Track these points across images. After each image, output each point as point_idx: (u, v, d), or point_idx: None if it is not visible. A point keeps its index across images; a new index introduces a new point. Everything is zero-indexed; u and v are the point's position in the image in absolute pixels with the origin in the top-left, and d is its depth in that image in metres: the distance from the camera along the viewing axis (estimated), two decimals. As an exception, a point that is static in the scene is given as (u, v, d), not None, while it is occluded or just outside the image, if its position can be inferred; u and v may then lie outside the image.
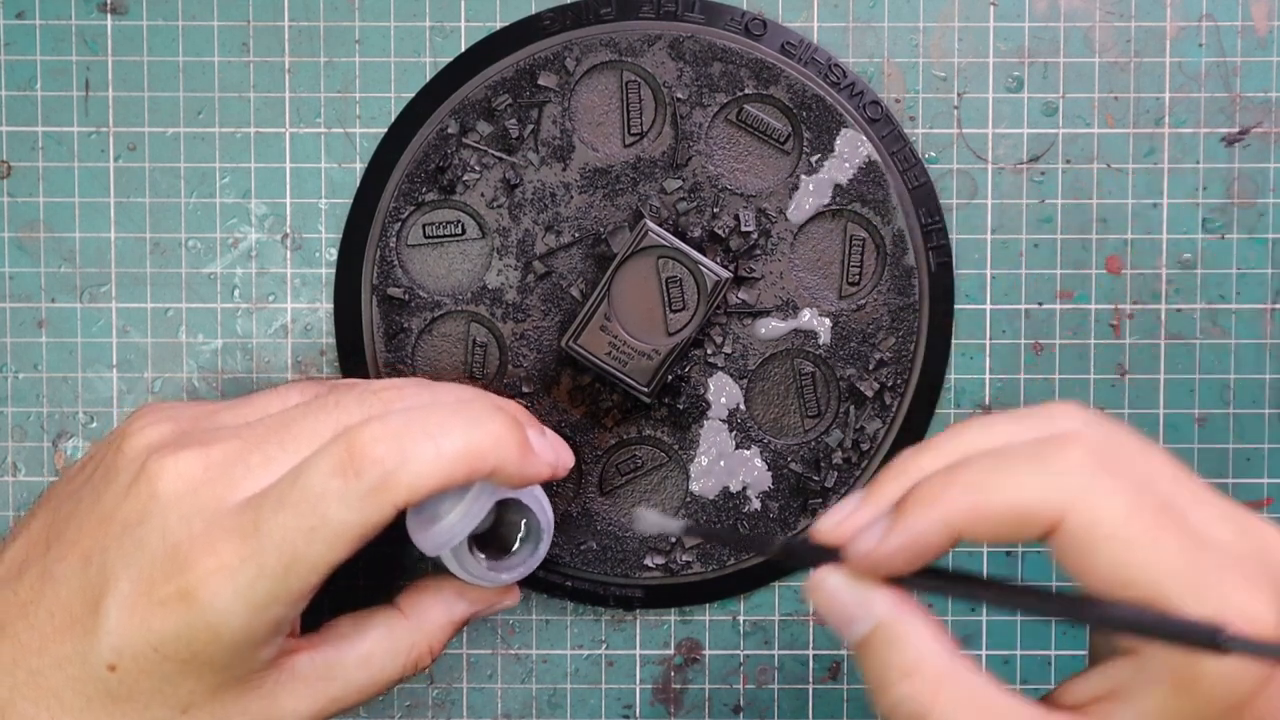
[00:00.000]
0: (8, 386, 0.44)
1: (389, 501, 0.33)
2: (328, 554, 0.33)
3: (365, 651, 0.38)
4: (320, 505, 0.33)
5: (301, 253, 0.44)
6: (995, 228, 0.44)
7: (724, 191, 0.43)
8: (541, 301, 0.43)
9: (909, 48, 0.44)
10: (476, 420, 0.34)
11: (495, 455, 0.34)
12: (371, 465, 0.33)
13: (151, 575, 0.33)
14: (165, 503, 0.34)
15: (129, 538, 0.34)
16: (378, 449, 0.33)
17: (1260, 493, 0.44)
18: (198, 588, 0.33)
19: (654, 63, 0.43)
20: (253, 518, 0.33)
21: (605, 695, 0.45)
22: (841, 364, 0.43)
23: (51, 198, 0.44)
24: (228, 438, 0.35)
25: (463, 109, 0.43)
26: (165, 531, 0.34)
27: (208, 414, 0.37)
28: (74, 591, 0.34)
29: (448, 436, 0.34)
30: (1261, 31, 0.44)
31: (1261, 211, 0.44)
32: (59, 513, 0.36)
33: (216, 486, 0.34)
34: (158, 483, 0.34)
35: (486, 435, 0.34)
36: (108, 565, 0.34)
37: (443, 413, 0.34)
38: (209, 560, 0.33)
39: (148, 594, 0.33)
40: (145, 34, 0.44)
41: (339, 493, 0.33)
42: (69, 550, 0.35)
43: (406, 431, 0.33)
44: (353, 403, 0.36)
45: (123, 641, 0.34)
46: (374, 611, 0.39)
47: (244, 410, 0.37)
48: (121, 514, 0.35)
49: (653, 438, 0.44)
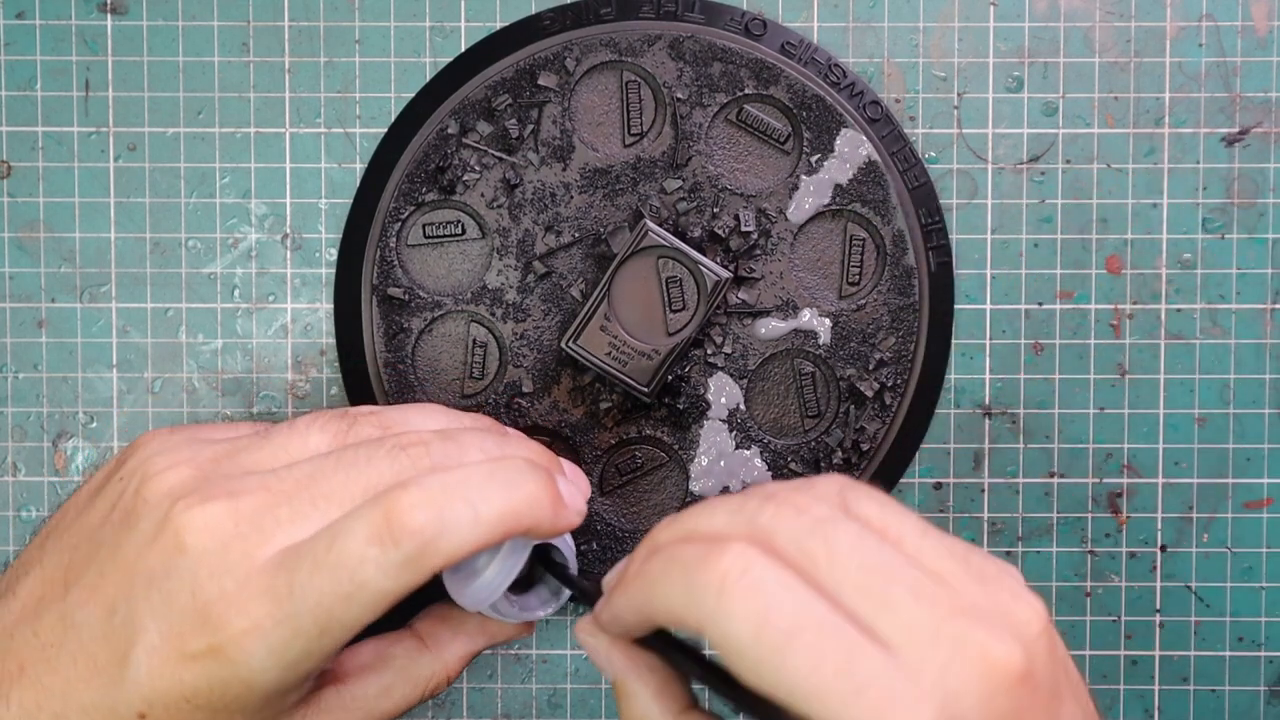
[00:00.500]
0: (8, 386, 0.44)
1: (427, 568, 0.33)
2: (362, 615, 0.33)
3: (387, 683, 0.39)
4: (358, 573, 0.33)
5: (301, 253, 0.44)
6: (995, 228, 0.44)
7: (724, 191, 0.43)
8: (541, 301, 0.43)
9: (909, 48, 0.44)
10: (512, 483, 0.35)
11: (531, 516, 0.35)
12: (410, 535, 0.33)
13: (182, 630, 0.33)
14: (194, 557, 0.34)
15: (156, 591, 0.34)
16: (417, 518, 0.33)
17: (1260, 493, 0.44)
18: (230, 647, 0.33)
19: (654, 63, 0.43)
20: (287, 580, 0.33)
21: (605, 695, 0.45)
22: (841, 364, 0.43)
23: (51, 198, 0.44)
24: (255, 488, 0.35)
25: (463, 109, 0.43)
26: (195, 587, 0.33)
27: (227, 455, 0.37)
28: (98, 639, 0.34)
29: (486, 502, 0.34)
30: (1261, 31, 0.44)
31: (1261, 211, 0.44)
32: (76, 553, 0.36)
33: (246, 542, 0.34)
34: (185, 535, 0.34)
35: (524, 498, 0.35)
36: (135, 617, 0.34)
37: (480, 476, 0.34)
38: (241, 619, 0.33)
39: (179, 648, 0.33)
40: (145, 34, 0.44)
41: (377, 560, 0.33)
42: (90, 596, 0.35)
43: (445, 498, 0.33)
44: (383, 460, 0.35)
45: (154, 691, 0.34)
46: (396, 640, 0.40)
47: (266, 453, 0.37)
48: (146, 564, 0.34)
49: (653, 438, 0.44)
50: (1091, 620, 0.45)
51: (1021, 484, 0.44)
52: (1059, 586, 0.45)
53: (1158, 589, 0.45)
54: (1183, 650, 0.44)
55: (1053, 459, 0.44)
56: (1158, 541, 0.45)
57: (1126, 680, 0.45)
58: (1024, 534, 0.44)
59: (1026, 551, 0.44)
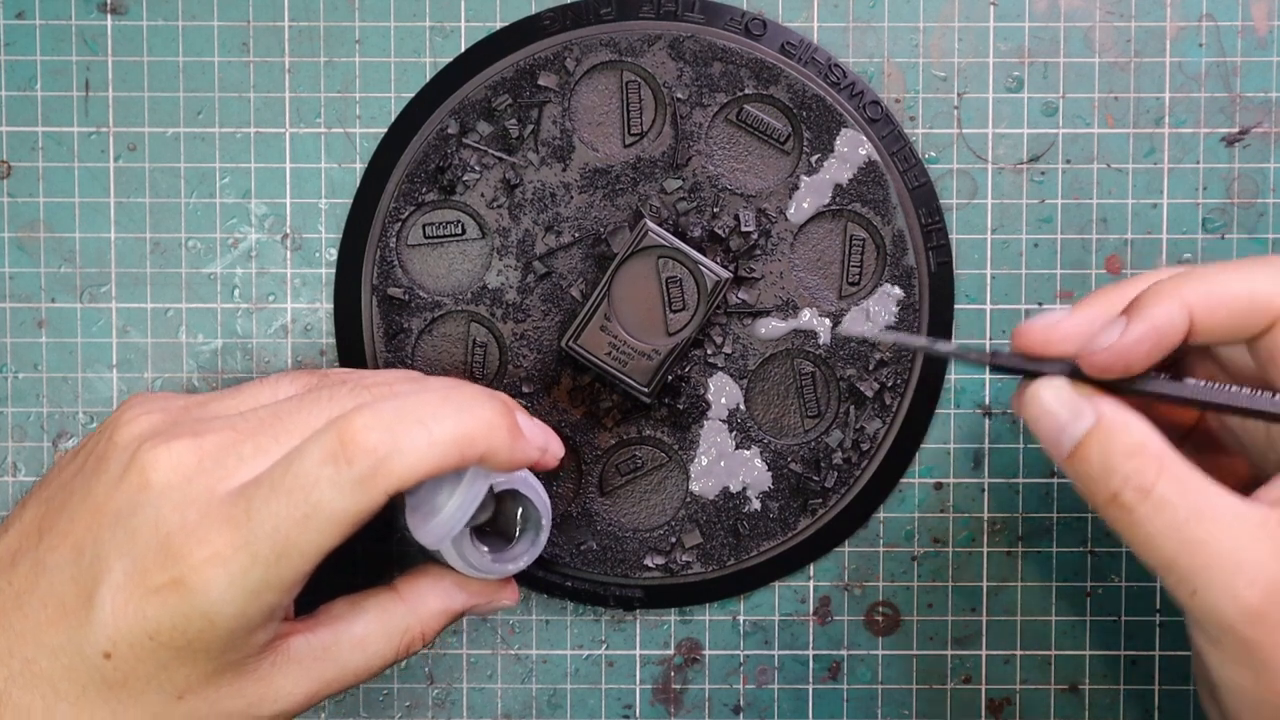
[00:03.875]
0: (8, 386, 0.44)
1: (381, 488, 0.33)
2: (320, 541, 0.33)
3: (360, 634, 0.38)
4: (313, 493, 0.33)
5: (301, 253, 0.44)
6: (995, 228, 0.44)
7: (724, 191, 0.43)
8: (541, 301, 0.43)
9: (909, 48, 0.44)
10: (467, 406, 0.35)
11: (486, 439, 0.35)
12: (364, 453, 0.33)
13: (145, 565, 0.34)
14: (158, 492, 0.34)
15: (121, 527, 0.34)
16: (370, 436, 0.33)
17: (1260, 493, 0.44)
18: (191, 576, 0.33)
19: (654, 63, 0.43)
20: (244, 506, 0.33)
21: (605, 695, 0.45)
22: (841, 364, 0.43)
23: (51, 198, 0.44)
24: (220, 428, 0.35)
25: (463, 109, 0.43)
26: (158, 521, 0.34)
27: (198, 403, 0.38)
28: (67, 581, 0.35)
29: (439, 422, 0.34)
30: (1261, 31, 0.44)
31: (1261, 211, 0.44)
32: (51, 503, 0.37)
33: (209, 476, 0.34)
34: (150, 472, 0.34)
35: (477, 420, 0.34)
36: (100, 555, 0.34)
37: (433, 399, 0.35)
38: (202, 549, 0.33)
39: (142, 583, 0.34)
40: (145, 34, 0.44)
41: (331, 480, 0.33)
42: (61, 540, 0.35)
43: (398, 419, 0.34)
44: (345, 396, 0.36)
45: (118, 630, 0.34)
46: (370, 594, 0.39)
47: (235, 400, 0.38)
48: (114, 504, 0.35)
49: (653, 438, 0.44)
50: (1091, 620, 0.45)
51: (1021, 484, 0.44)
52: (1059, 586, 0.45)
53: (1158, 589, 0.45)
54: (1183, 650, 0.44)
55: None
56: (1158, 541, 0.44)
57: (1126, 680, 0.45)
58: (1024, 534, 0.44)
59: (1026, 551, 0.44)
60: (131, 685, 0.34)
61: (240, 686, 0.35)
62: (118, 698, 0.34)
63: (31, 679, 0.34)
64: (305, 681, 0.36)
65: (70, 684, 0.34)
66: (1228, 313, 0.33)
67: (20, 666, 0.34)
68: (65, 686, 0.34)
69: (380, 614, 0.38)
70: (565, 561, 0.44)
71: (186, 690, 0.35)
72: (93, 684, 0.34)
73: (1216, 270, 0.33)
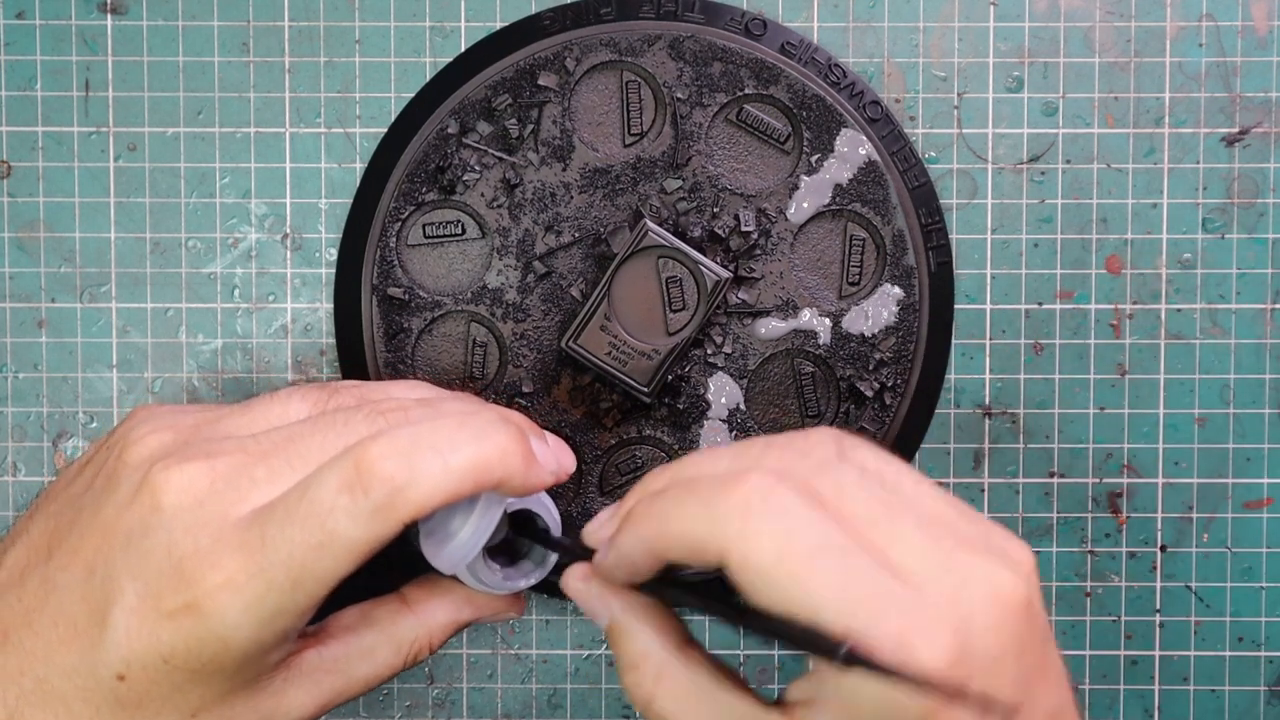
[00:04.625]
0: (8, 386, 0.44)
1: (397, 517, 0.33)
2: (335, 568, 0.33)
3: (369, 645, 0.38)
4: (328, 521, 0.33)
5: (301, 253, 0.44)
6: (995, 228, 0.44)
7: (724, 191, 0.43)
8: (541, 301, 0.43)
9: (909, 48, 0.44)
10: (482, 433, 0.35)
11: (502, 467, 0.35)
12: (380, 482, 0.33)
13: (158, 588, 0.33)
14: (170, 515, 0.34)
15: (133, 550, 0.34)
16: (386, 466, 0.33)
17: (1260, 493, 0.44)
18: (205, 601, 0.33)
19: (654, 63, 0.43)
20: (259, 532, 0.33)
21: (605, 695, 0.45)
22: (841, 364, 0.43)
23: (51, 198, 0.44)
24: (232, 449, 0.35)
25: (463, 109, 0.43)
26: (171, 545, 0.34)
27: (209, 422, 0.37)
28: (77, 601, 0.34)
29: (455, 451, 0.34)
30: (1261, 31, 0.44)
31: (1261, 211, 0.44)
32: (60, 519, 0.36)
33: (222, 500, 0.34)
34: (162, 494, 0.34)
35: (493, 447, 0.34)
36: (112, 576, 0.34)
37: (449, 427, 0.34)
38: (215, 575, 0.33)
39: (155, 606, 0.33)
40: (145, 34, 0.44)
41: (347, 509, 0.33)
42: (71, 559, 0.35)
43: (414, 447, 0.34)
44: (360, 423, 0.36)
45: (131, 652, 0.34)
46: (379, 604, 0.39)
47: (246, 419, 0.37)
48: (124, 525, 0.34)
49: (653, 438, 0.44)
50: (1091, 620, 0.45)
51: (1021, 484, 0.44)
52: (1059, 586, 0.45)
53: (1158, 589, 0.45)
54: (1183, 650, 0.45)
55: (1053, 459, 0.44)
56: (1158, 541, 0.45)
57: (1126, 680, 0.45)
58: (1024, 534, 0.44)
59: (1026, 551, 0.44)
60: (146, 706, 0.34)
61: (254, 703, 0.35)
62: (130, 718, 0.34)
63: (44, 698, 0.34)
64: (316, 693, 0.37)
65: (84, 704, 0.34)
66: (677, 553, 0.33)
67: (32, 685, 0.34)
68: (79, 707, 0.34)
69: (389, 626, 0.39)
70: (565, 562, 0.44)
71: (200, 709, 0.35)
72: (106, 705, 0.34)
73: (671, 506, 0.33)
